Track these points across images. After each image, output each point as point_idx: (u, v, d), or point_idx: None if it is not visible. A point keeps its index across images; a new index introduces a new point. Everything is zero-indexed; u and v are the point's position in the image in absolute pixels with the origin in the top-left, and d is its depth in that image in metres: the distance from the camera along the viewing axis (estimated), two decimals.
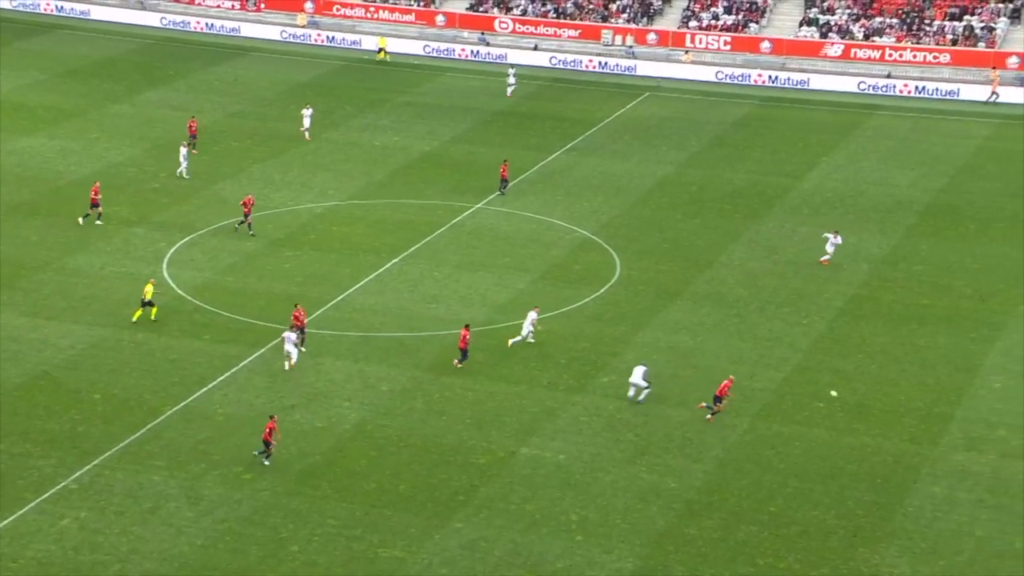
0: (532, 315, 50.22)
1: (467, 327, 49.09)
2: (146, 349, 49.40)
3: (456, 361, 48.41)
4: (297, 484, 41.26)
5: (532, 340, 49.98)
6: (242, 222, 59.90)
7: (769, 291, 55.42)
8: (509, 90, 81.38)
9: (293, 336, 48.27)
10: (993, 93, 78.84)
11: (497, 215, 63.44)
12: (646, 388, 45.95)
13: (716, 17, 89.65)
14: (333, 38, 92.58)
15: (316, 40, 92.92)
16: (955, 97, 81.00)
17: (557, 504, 40.47)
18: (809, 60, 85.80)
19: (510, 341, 49.77)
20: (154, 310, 51.32)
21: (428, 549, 38.33)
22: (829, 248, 57.03)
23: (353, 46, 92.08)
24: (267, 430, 41.85)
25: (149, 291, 51.50)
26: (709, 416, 44.74)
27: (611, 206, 64.68)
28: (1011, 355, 49.72)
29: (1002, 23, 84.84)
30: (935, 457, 43.19)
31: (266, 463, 41.75)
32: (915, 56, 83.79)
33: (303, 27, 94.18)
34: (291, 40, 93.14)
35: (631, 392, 46.12)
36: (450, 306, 53.77)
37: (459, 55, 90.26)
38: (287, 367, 48.03)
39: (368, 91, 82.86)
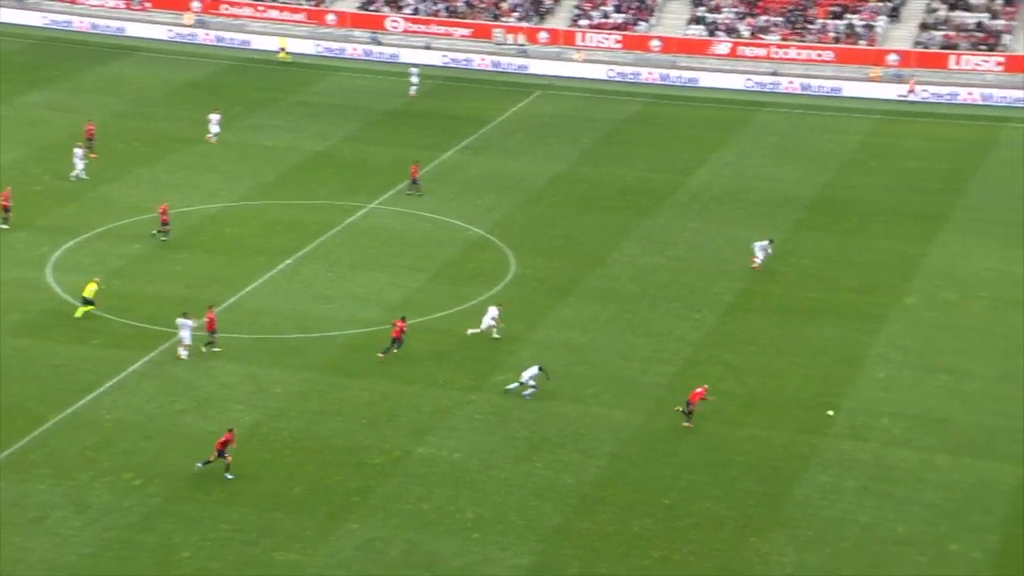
0: (493, 311, 50.41)
1: (403, 319, 49.29)
2: (28, 356, 48.38)
3: (383, 353, 48.40)
4: (189, 489, 40.73)
5: (497, 336, 50.17)
6: (160, 230, 58.90)
7: (660, 286, 56.05)
8: (413, 90, 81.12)
9: (190, 323, 47.88)
10: (910, 91, 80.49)
11: (391, 215, 63.26)
12: (532, 388, 46.17)
13: (606, 16, 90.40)
14: (222, 38, 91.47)
15: (204, 39, 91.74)
16: (839, 94, 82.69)
17: (453, 502, 40.52)
18: (698, 58, 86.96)
19: (469, 331, 50.15)
20: (86, 309, 50.67)
21: (323, 551, 38.11)
22: (759, 255, 56.80)
23: (243, 46, 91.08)
24: (222, 441, 40.93)
25: (91, 289, 50.81)
26: (687, 423, 44.81)
27: (504, 204, 64.88)
28: (894, 346, 50.93)
29: (882, 21, 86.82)
30: (822, 447, 44.06)
31: (228, 476, 40.90)
32: (799, 54, 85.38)
33: (191, 26, 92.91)
34: (178, 40, 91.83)
35: (514, 384, 46.37)
36: (344, 306, 53.50)
37: (351, 54, 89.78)
38: (184, 355, 47.57)
39: (258, 91, 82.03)
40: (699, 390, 45.06)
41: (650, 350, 50.37)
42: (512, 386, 46.53)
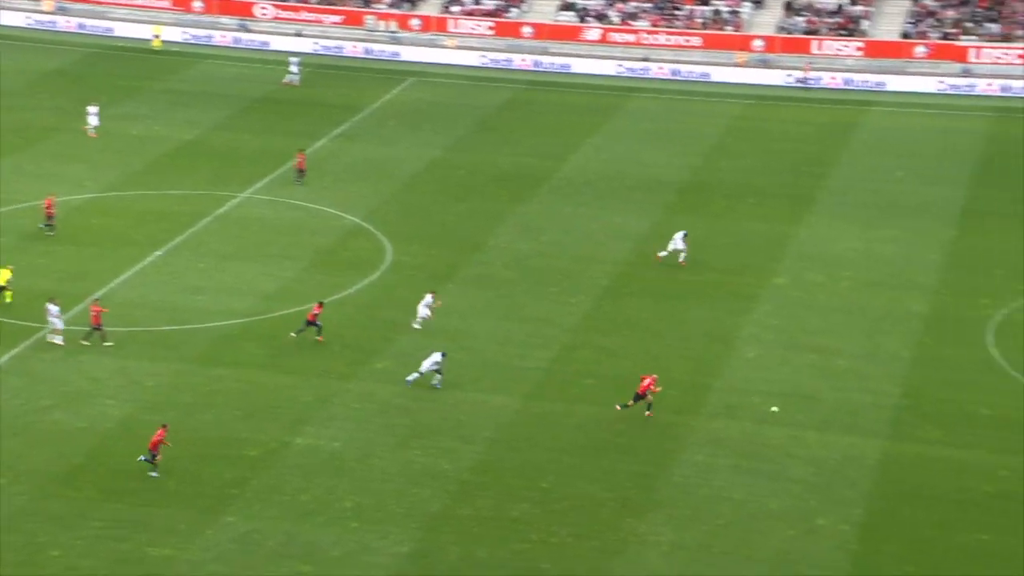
0: (428, 299, 50.31)
1: (320, 304, 49.32)
2: None
3: (294, 333, 48.53)
4: (58, 487, 39.79)
5: (418, 326, 50.17)
6: (46, 224, 57.27)
7: (536, 272, 56.35)
8: (290, 79, 79.94)
9: (55, 308, 47.34)
10: (807, 78, 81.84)
11: (263, 204, 62.48)
12: (438, 375, 46.07)
13: (478, 2, 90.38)
14: (84, 25, 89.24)
15: (65, 27, 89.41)
16: (707, 79, 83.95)
17: (332, 492, 40.27)
18: (570, 44, 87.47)
19: (414, 325, 50.01)
20: (8, 294, 49.80)
21: (199, 545, 37.58)
22: (679, 245, 56.31)
23: (106, 33, 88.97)
24: (156, 438, 39.98)
25: (4, 275, 50.06)
26: (648, 412, 44.84)
27: (379, 192, 64.55)
28: (763, 326, 51.96)
29: (747, 7, 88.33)
30: (696, 426, 44.79)
31: (153, 475, 40.00)
32: (668, 40, 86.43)
33: (50, 13, 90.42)
34: (37, 27, 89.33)
35: (414, 375, 46.17)
36: (217, 297, 52.72)
37: (219, 42, 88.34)
38: (58, 341, 46.87)
39: (124, 79, 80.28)
40: (647, 381, 44.84)
41: (527, 335, 50.62)
42: (413, 376, 46.18)
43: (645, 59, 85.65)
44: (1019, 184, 64.58)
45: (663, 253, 56.40)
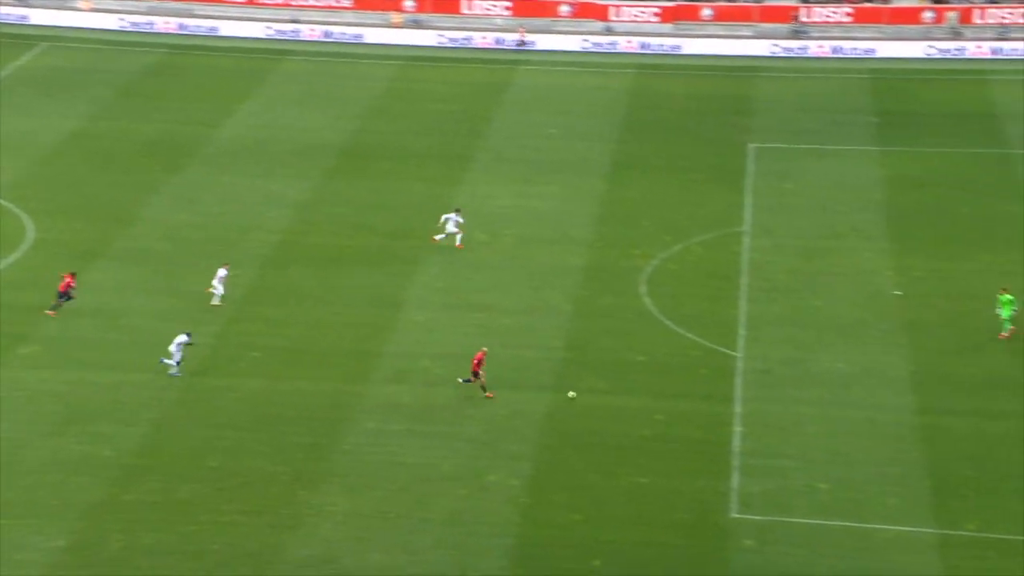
0: (221, 272, 48.89)
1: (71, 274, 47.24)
2: None
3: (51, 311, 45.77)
4: None
5: (217, 301, 48.80)
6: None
7: (194, 244, 54.86)
8: None
9: None
10: (521, 41, 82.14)
11: None
12: (177, 355, 44.48)
13: None
14: None
15: None
16: (361, 40, 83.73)
17: None
18: (217, 6, 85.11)
19: (213, 302, 48.35)
20: None
21: None
22: (452, 228, 54.90)
23: None
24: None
25: None
26: (488, 393, 44.03)
27: (15, 165, 61.02)
28: (430, 288, 52.56)
29: None
30: (367, 393, 44.89)
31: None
32: (319, 1, 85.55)
33: None
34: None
35: (173, 363, 44.49)
36: None
37: None
38: None
39: None
40: (479, 355, 44.19)
41: (188, 311, 49.23)
42: (169, 362, 44.43)
43: (295, 21, 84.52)
44: (660, 137, 67.93)
45: (440, 237, 55.18)
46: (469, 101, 73.75)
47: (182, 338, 44.83)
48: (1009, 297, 47.53)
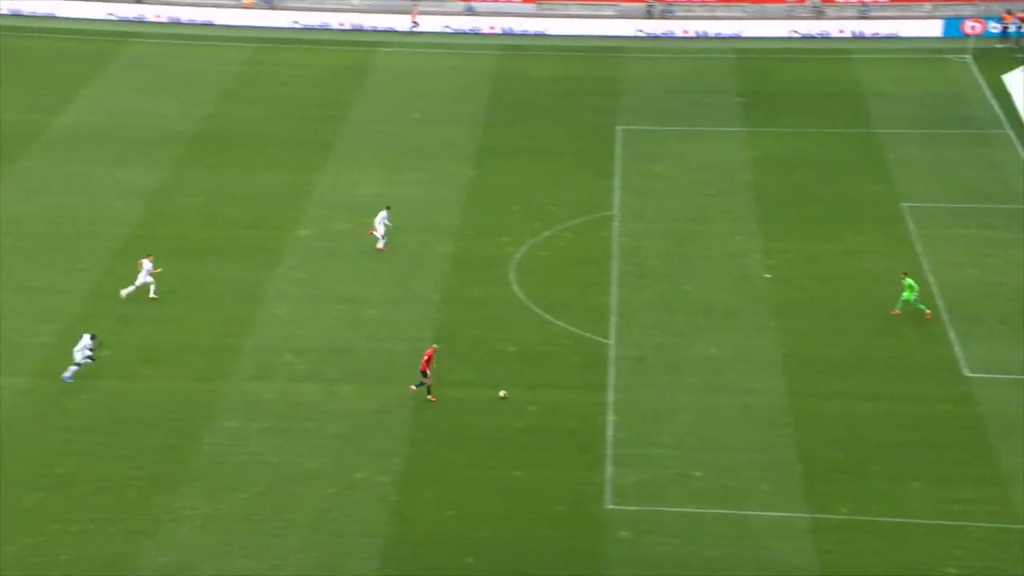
0: (147, 264, 47.72)
1: None
2: None
3: None
4: None
5: (154, 294, 48.67)
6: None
7: (35, 238, 53.56)
8: None
9: None
10: (414, 22, 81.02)
11: None
12: (81, 361, 43.44)
13: None
14: None
15: None
16: (212, 23, 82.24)
17: None
18: None
19: (123, 292, 47.50)
20: None
21: None
22: (379, 227, 53.62)
23: None
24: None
25: None
26: (414, 389, 43.35)
27: None
28: (291, 280, 52.05)
29: None
30: (227, 391, 44.35)
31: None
32: None
33: None
34: None
35: (73, 368, 43.37)
36: None
37: None
38: None
39: None
40: (428, 352, 43.59)
41: (31, 308, 48.07)
42: (71, 370, 43.37)
43: (139, 2, 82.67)
44: (527, 120, 68.21)
45: (379, 237, 53.67)
46: (328, 85, 73.10)
47: (86, 339, 43.79)
48: (910, 281, 48.86)
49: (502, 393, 44.37)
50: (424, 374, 43.77)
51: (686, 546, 38.02)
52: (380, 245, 53.69)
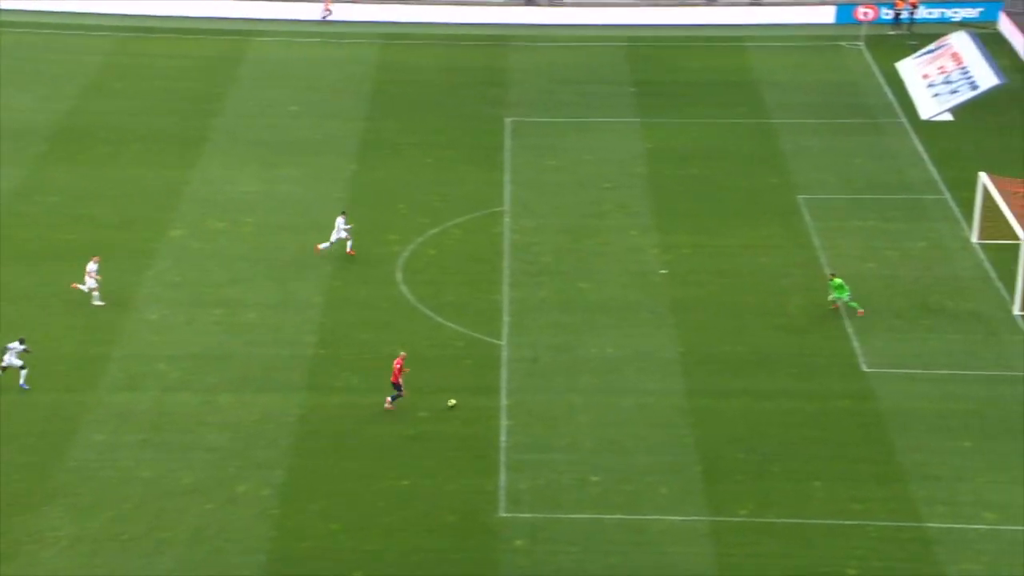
0: (92, 266, 46.85)
1: None
2: None
3: None
4: None
5: (98, 301, 48.17)
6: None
7: None
8: None
9: None
10: (327, 10, 79.37)
11: None
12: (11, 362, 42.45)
13: None
14: None
15: None
16: (76, 11, 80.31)
17: None
18: None
19: (76, 285, 47.68)
20: None
21: None
22: (342, 234, 52.06)
23: None
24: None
25: None
26: (389, 403, 42.68)
27: None
28: (163, 283, 50.93)
29: None
30: (94, 403, 43.30)
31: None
32: None
33: None
34: None
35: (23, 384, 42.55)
36: None
37: None
38: None
39: None
40: (397, 361, 42.70)
41: None
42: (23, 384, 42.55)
43: None
44: (412, 113, 67.60)
45: (324, 245, 52.46)
46: (198, 77, 71.78)
47: (16, 345, 42.78)
48: (839, 281, 49.17)
49: (451, 402, 43.71)
50: (397, 386, 43.02)
51: (584, 554, 37.84)
52: (348, 249, 52.61)
